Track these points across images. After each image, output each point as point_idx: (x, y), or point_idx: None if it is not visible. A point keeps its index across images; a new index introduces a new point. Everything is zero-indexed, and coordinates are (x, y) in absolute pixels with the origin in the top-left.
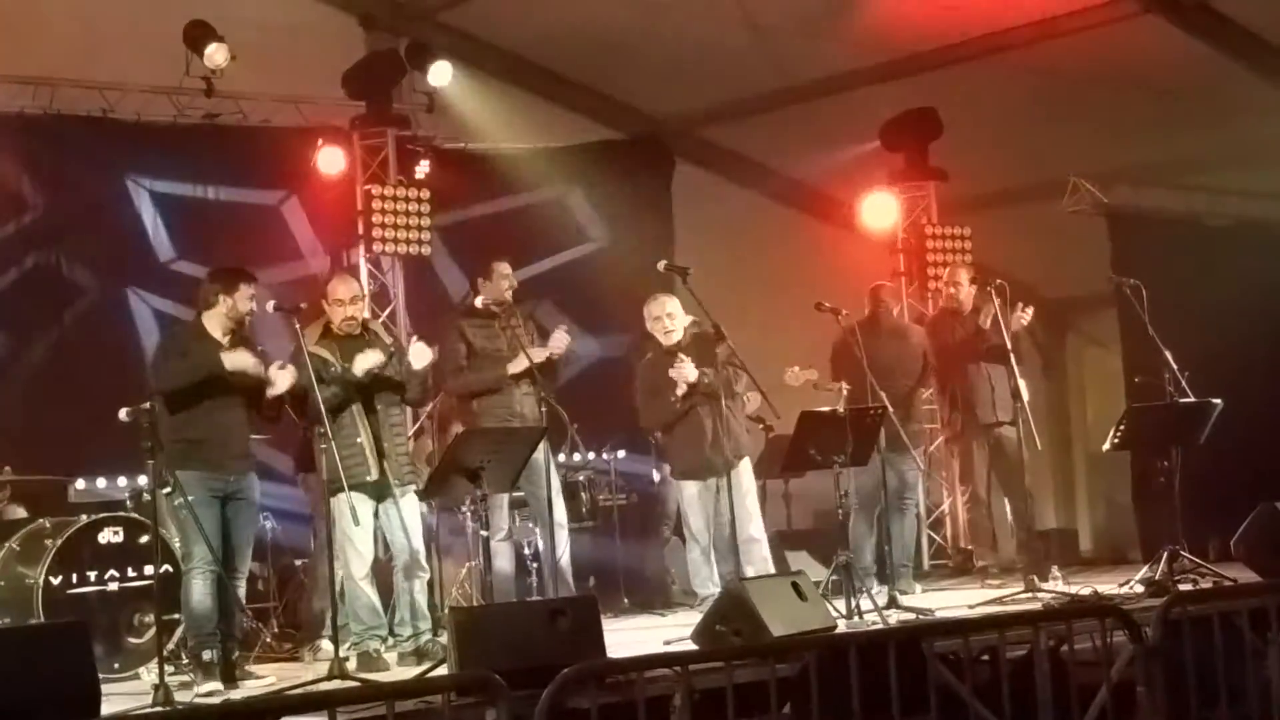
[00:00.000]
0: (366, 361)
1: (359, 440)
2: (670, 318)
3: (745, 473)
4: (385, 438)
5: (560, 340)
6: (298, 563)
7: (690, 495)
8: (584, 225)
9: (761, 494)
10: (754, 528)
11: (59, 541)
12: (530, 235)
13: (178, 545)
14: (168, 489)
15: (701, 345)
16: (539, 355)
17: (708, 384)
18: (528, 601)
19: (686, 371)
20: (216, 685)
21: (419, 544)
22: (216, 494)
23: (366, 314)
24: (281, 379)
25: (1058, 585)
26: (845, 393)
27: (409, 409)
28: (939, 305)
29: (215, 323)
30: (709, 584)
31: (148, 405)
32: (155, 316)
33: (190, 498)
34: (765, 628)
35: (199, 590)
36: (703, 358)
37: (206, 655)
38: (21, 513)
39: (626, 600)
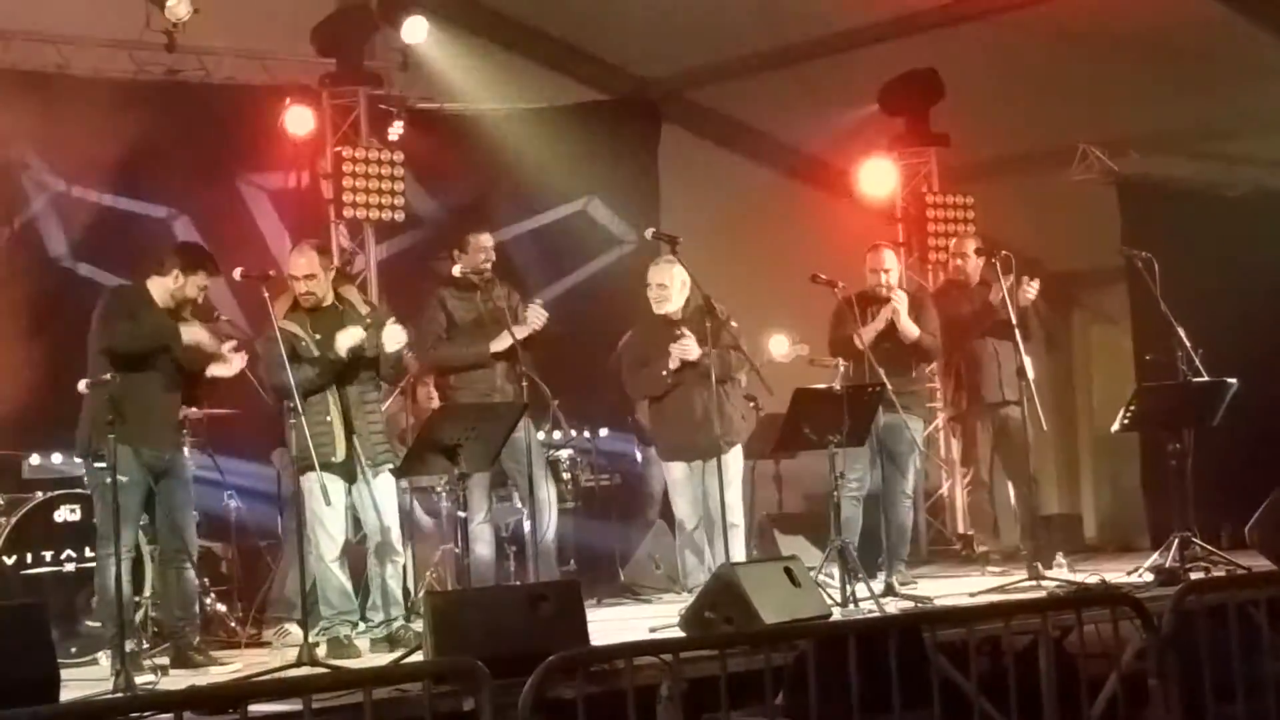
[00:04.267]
0: (348, 339)
1: (328, 419)
2: (664, 287)
3: (735, 459)
4: (357, 415)
5: (537, 316)
6: (264, 544)
7: (677, 478)
8: (566, 189)
9: (751, 475)
10: (734, 515)
11: (13, 520)
12: (512, 202)
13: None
14: (102, 464)
15: (700, 320)
16: (520, 332)
17: (706, 364)
18: (507, 586)
19: (689, 348)
20: (150, 676)
21: (392, 525)
22: (147, 472)
23: (347, 285)
24: (233, 363)
25: (1063, 573)
26: (843, 369)
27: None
28: (943, 277)
29: (159, 291)
30: (699, 573)
31: (108, 376)
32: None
33: (123, 479)
34: (757, 615)
35: (122, 575)
36: (701, 333)
37: (130, 645)
38: None
39: (610, 586)
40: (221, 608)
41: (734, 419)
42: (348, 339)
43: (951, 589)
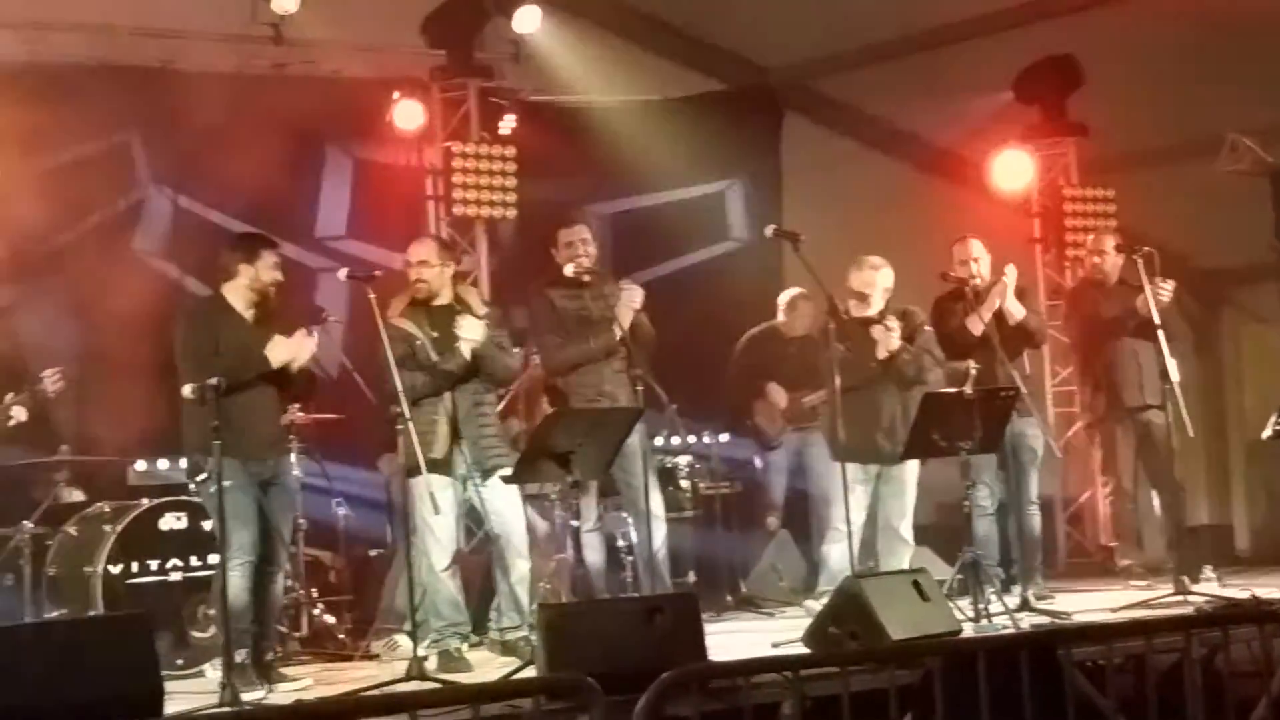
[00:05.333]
0: (470, 333)
1: (435, 418)
2: (868, 289)
3: (912, 468)
4: (467, 420)
5: (633, 294)
6: (373, 553)
7: (849, 480)
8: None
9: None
10: (905, 528)
11: (118, 527)
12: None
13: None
14: (203, 475)
15: (903, 323)
16: (624, 317)
17: (898, 367)
18: (622, 598)
19: (891, 339)
20: (260, 692)
21: (508, 531)
22: (254, 479)
23: (467, 286)
24: (304, 348)
25: (1211, 587)
26: (974, 372)
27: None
28: (1080, 275)
29: (237, 295)
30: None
31: (214, 382)
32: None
33: (228, 482)
34: (883, 630)
35: (237, 583)
36: (903, 335)
37: (239, 655)
38: (79, 496)
39: (730, 598)
40: (330, 619)
41: None
42: (469, 333)
43: (1091, 604)
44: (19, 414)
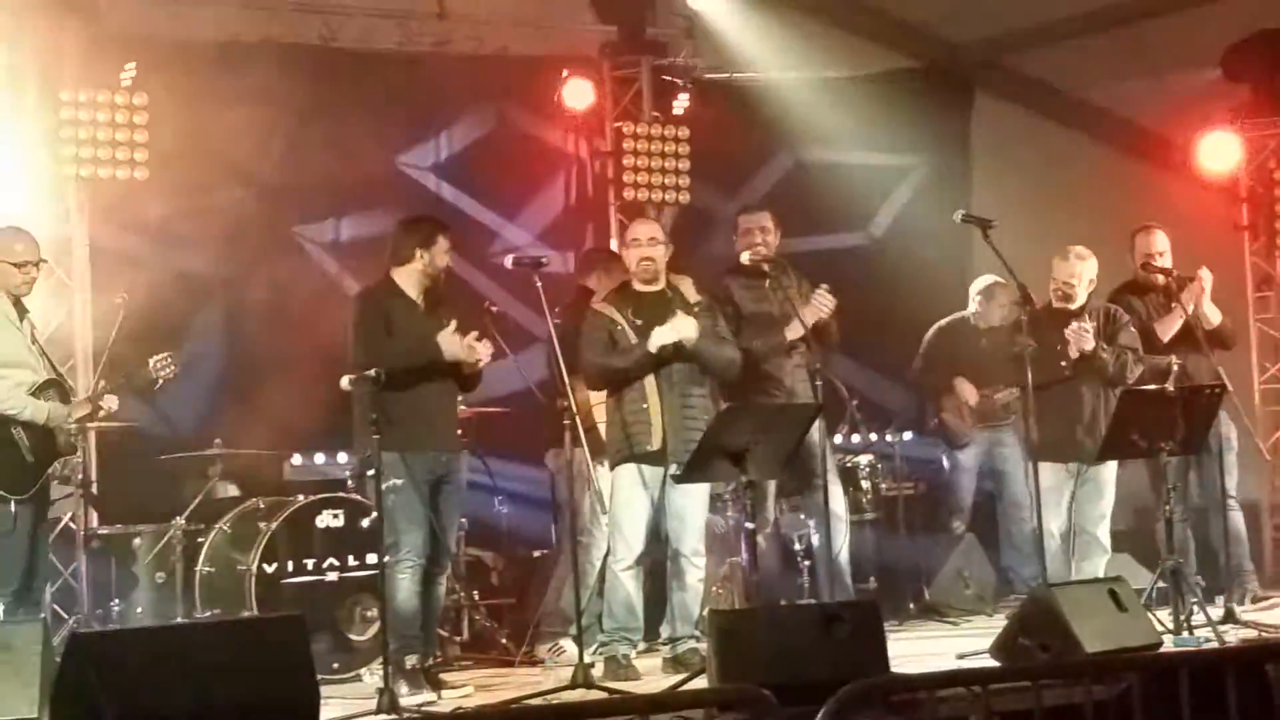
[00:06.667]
0: (662, 337)
1: (644, 405)
2: (1071, 282)
3: (1110, 469)
4: (671, 411)
5: (824, 301)
6: (536, 554)
7: (1047, 478)
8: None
9: None
10: (1102, 533)
11: (273, 525)
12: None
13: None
14: (371, 470)
15: (1099, 318)
16: (808, 317)
17: (1106, 361)
18: (799, 605)
19: (1086, 336)
20: (430, 695)
21: (687, 533)
22: (426, 478)
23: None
24: (475, 354)
25: None
26: (1177, 369)
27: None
28: None
29: (410, 280)
30: None
31: (373, 373)
32: None
33: (398, 481)
34: (1077, 643)
35: (407, 586)
36: (1104, 333)
37: (410, 661)
38: (234, 491)
39: (913, 606)
40: (492, 623)
41: None
42: (661, 337)
43: None
44: (111, 403)
